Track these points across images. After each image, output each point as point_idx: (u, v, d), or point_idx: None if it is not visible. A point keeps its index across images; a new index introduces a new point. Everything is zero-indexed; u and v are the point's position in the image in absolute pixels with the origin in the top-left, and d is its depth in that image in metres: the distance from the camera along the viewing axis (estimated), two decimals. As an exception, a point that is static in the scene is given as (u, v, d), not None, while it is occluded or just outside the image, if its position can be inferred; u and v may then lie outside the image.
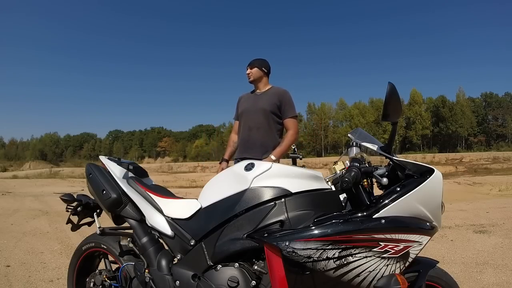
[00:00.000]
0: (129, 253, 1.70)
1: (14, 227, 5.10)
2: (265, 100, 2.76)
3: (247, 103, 2.84)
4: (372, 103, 73.09)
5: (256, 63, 2.81)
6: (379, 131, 63.11)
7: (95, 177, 1.74)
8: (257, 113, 2.73)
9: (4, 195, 9.78)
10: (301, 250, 1.17)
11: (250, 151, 2.70)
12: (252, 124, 2.73)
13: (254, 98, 2.83)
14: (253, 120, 2.73)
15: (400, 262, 1.22)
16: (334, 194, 1.37)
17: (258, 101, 2.78)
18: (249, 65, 2.83)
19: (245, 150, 2.73)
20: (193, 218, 1.49)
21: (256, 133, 2.71)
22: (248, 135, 2.74)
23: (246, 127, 2.76)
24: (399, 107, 1.27)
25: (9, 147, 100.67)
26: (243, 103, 2.88)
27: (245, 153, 2.70)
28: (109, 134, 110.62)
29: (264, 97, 2.78)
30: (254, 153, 2.66)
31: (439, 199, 1.27)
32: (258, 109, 2.74)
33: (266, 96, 2.78)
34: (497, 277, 2.85)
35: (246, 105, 2.83)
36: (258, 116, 2.72)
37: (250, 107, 2.79)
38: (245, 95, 2.95)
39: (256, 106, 2.75)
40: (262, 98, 2.78)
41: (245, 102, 2.87)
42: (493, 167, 28.34)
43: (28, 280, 2.91)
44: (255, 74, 2.81)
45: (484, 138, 70.52)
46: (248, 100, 2.87)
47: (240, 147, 2.79)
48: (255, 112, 2.74)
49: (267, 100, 2.75)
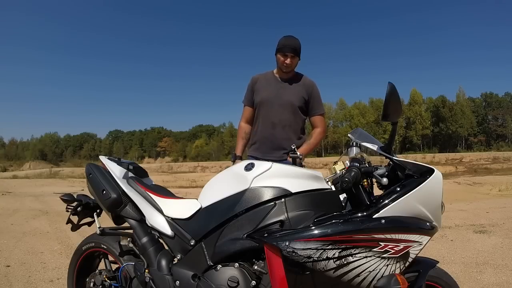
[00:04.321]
0: (129, 253, 1.70)
1: (14, 227, 5.10)
2: (292, 92, 2.34)
3: (269, 91, 2.35)
4: (372, 103, 73.17)
5: (299, 50, 2.29)
6: (379, 131, 63.15)
7: (95, 177, 1.74)
8: (284, 107, 2.32)
9: (4, 195, 9.77)
10: (301, 250, 1.17)
11: (275, 153, 2.33)
12: (276, 120, 2.32)
13: (276, 86, 2.36)
14: (277, 116, 2.32)
15: (400, 262, 1.23)
16: (334, 194, 1.37)
17: (283, 92, 2.34)
18: (294, 52, 2.26)
19: (268, 150, 2.35)
20: (193, 218, 1.49)
21: (281, 131, 2.33)
22: (271, 134, 2.33)
23: (269, 122, 2.33)
24: (399, 107, 1.27)
25: (9, 147, 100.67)
26: (262, 90, 2.37)
27: (269, 154, 2.32)
28: (109, 134, 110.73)
29: (291, 88, 2.35)
30: (278, 155, 2.32)
31: (439, 199, 1.27)
32: (284, 102, 2.32)
33: (293, 86, 2.36)
34: (497, 277, 2.85)
35: (268, 94, 2.34)
36: (284, 111, 2.32)
37: (274, 98, 2.33)
38: (262, 78, 2.42)
39: (282, 98, 2.33)
40: (288, 88, 2.35)
41: (265, 88, 2.37)
42: (493, 167, 28.33)
43: (28, 280, 2.91)
44: (295, 64, 2.33)
45: (484, 138, 70.59)
46: (268, 86, 2.37)
47: (260, 146, 2.38)
48: (281, 106, 2.32)
49: (295, 93, 2.34)
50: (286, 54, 2.26)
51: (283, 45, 2.27)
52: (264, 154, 2.35)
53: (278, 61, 2.31)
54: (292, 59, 2.27)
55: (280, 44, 2.29)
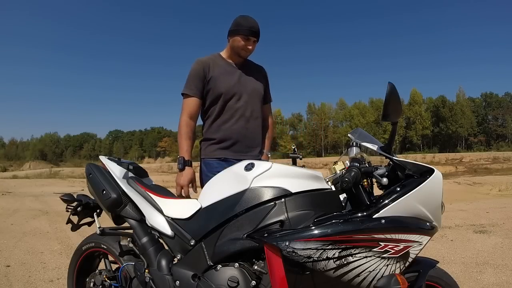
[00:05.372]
0: (129, 253, 1.70)
1: (14, 227, 5.10)
2: (253, 79, 2.09)
3: (231, 79, 2.01)
4: (372, 103, 73.23)
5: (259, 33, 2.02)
6: (379, 131, 63.20)
7: (95, 177, 1.74)
8: (252, 97, 2.05)
9: (4, 195, 9.78)
10: (301, 250, 1.17)
11: (251, 151, 2.05)
12: (247, 112, 2.02)
13: (237, 74, 2.05)
14: (248, 107, 2.03)
15: (400, 262, 1.22)
16: (334, 194, 1.37)
17: (247, 80, 2.07)
18: (257, 36, 2.00)
19: (243, 149, 2.02)
20: (193, 218, 1.49)
21: (254, 125, 2.06)
22: (245, 129, 2.02)
23: (241, 116, 2.01)
24: (399, 107, 1.27)
25: (9, 147, 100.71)
26: (221, 77, 1.99)
27: (244, 154, 2.00)
28: (109, 134, 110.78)
29: (251, 75, 2.09)
30: (254, 154, 2.06)
31: (439, 199, 1.27)
32: (251, 91, 2.05)
33: (251, 73, 2.10)
34: (497, 277, 2.85)
35: (232, 83, 2.00)
36: (253, 101, 2.05)
37: (241, 87, 2.02)
38: (212, 62, 2.02)
39: (248, 87, 2.05)
40: (248, 76, 2.07)
41: (224, 76, 2.01)
42: (493, 167, 28.30)
43: (28, 280, 2.91)
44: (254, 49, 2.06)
45: (484, 138, 70.66)
46: (228, 74, 2.02)
47: (232, 144, 2.00)
48: (249, 96, 2.04)
49: (256, 80, 2.10)
50: (249, 37, 1.96)
51: (246, 27, 1.94)
52: (239, 154, 2.00)
53: (237, 44, 1.98)
54: (254, 44, 2.01)
55: (241, 25, 1.96)
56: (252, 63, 2.17)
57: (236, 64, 2.07)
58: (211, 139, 2.02)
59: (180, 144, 1.93)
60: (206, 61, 2.02)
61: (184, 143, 1.93)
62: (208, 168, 1.99)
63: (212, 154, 2.01)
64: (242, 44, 1.97)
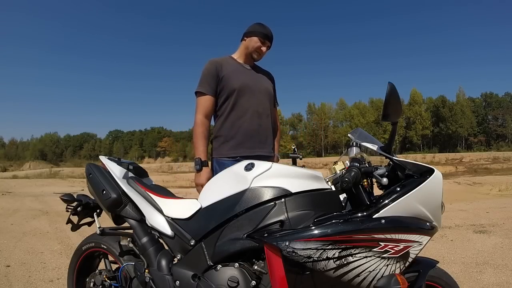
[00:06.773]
0: (129, 253, 1.70)
1: (14, 227, 5.10)
2: (265, 79, 2.18)
3: (245, 78, 2.07)
4: (372, 103, 73.25)
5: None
6: (379, 131, 63.21)
7: (95, 177, 1.74)
8: (264, 95, 2.11)
9: (4, 195, 9.78)
10: (301, 250, 1.17)
11: (264, 147, 2.08)
12: (260, 109, 2.07)
13: (249, 73, 2.12)
14: (261, 104, 2.08)
15: (400, 262, 1.22)
16: (334, 194, 1.36)
17: (259, 79, 2.15)
18: (271, 42, 2.12)
19: (256, 145, 2.04)
20: (193, 218, 1.49)
21: (266, 122, 2.10)
22: (259, 125, 2.05)
23: (254, 112, 2.04)
24: (399, 107, 1.27)
25: (9, 147, 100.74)
26: (234, 75, 2.04)
27: (257, 150, 2.03)
28: (109, 134, 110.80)
29: (262, 76, 2.18)
30: (267, 150, 2.10)
31: (439, 199, 1.27)
32: (264, 89, 2.12)
33: (262, 74, 2.20)
34: (497, 277, 2.85)
35: (245, 80, 2.06)
36: (265, 99, 2.12)
37: (254, 85, 2.07)
38: (225, 63, 2.08)
39: (261, 85, 2.12)
40: (259, 76, 2.17)
41: (238, 74, 2.06)
42: (493, 167, 28.32)
43: (28, 280, 2.91)
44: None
45: (484, 138, 70.67)
46: (240, 72, 2.08)
47: (246, 141, 2.02)
48: (261, 93, 2.10)
49: (267, 81, 2.19)
50: (265, 41, 2.08)
51: (264, 32, 2.07)
52: (251, 150, 2.01)
53: (253, 44, 2.07)
54: (267, 49, 2.12)
55: (259, 29, 2.07)
56: (260, 68, 2.25)
57: (245, 63, 2.15)
58: (225, 136, 2.04)
59: (196, 144, 1.97)
60: (219, 61, 2.08)
61: (200, 143, 1.96)
62: (222, 168, 1.95)
63: (226, 154, 2.02)
64: (258, 45, 2.07)
